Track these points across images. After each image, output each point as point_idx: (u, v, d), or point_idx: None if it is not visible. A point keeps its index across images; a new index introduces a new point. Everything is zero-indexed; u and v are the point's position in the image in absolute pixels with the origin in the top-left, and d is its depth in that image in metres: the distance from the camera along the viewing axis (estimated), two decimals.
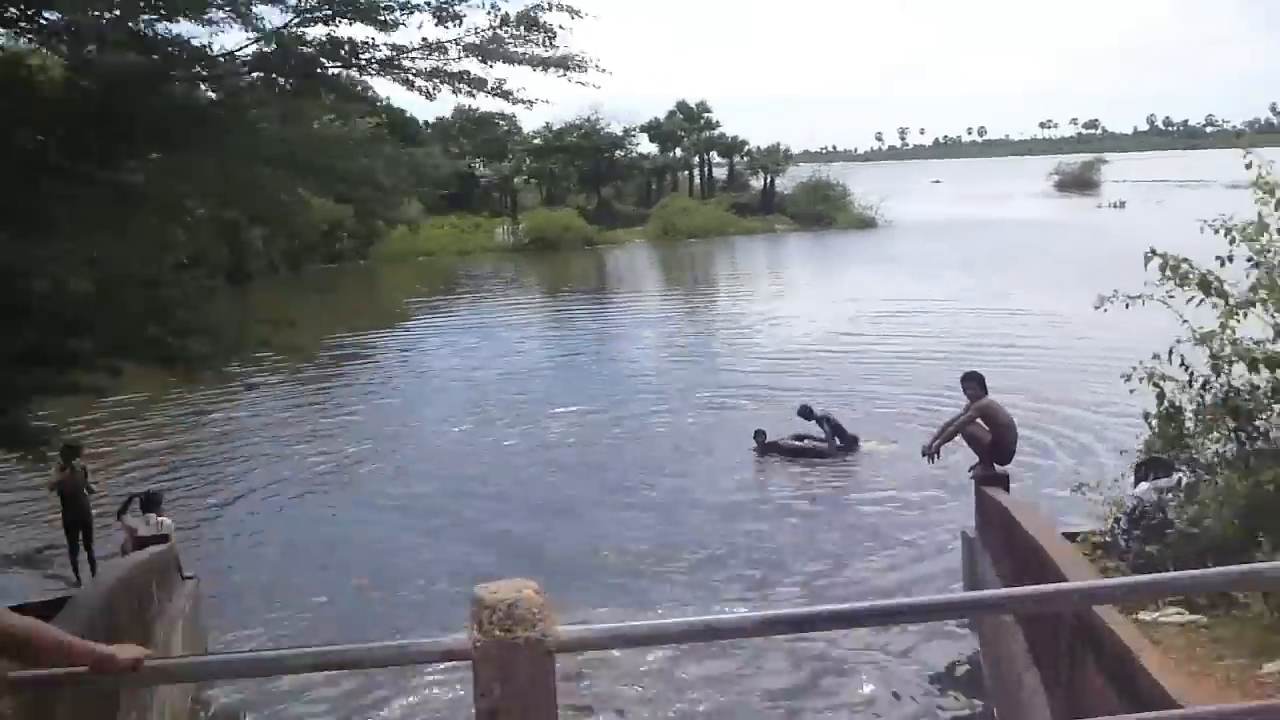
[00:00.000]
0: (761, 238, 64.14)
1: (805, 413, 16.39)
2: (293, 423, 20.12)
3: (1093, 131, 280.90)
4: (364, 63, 7.57)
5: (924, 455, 11.15)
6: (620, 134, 76.09)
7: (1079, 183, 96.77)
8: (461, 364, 26.26)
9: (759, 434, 16.26)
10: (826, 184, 70.27)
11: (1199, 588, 2.79)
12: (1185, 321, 6.81)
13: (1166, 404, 7.10)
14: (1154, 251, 6.89)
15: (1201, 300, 6.70)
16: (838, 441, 16.11)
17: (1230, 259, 6.90)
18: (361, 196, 9.12)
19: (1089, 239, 43.67)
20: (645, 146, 79.74)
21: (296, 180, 8.16)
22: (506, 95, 8.22)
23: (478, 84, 7.94)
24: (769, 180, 76.27)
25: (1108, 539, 7.22)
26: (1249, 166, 6.66)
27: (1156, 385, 7.07)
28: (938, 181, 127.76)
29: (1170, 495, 6.90)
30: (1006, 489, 10.37)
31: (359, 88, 8.55)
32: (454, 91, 7.95)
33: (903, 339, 25.68)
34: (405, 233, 60.61)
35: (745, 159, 78.80)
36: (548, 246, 58.90)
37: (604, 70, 8.39)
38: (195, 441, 18.94)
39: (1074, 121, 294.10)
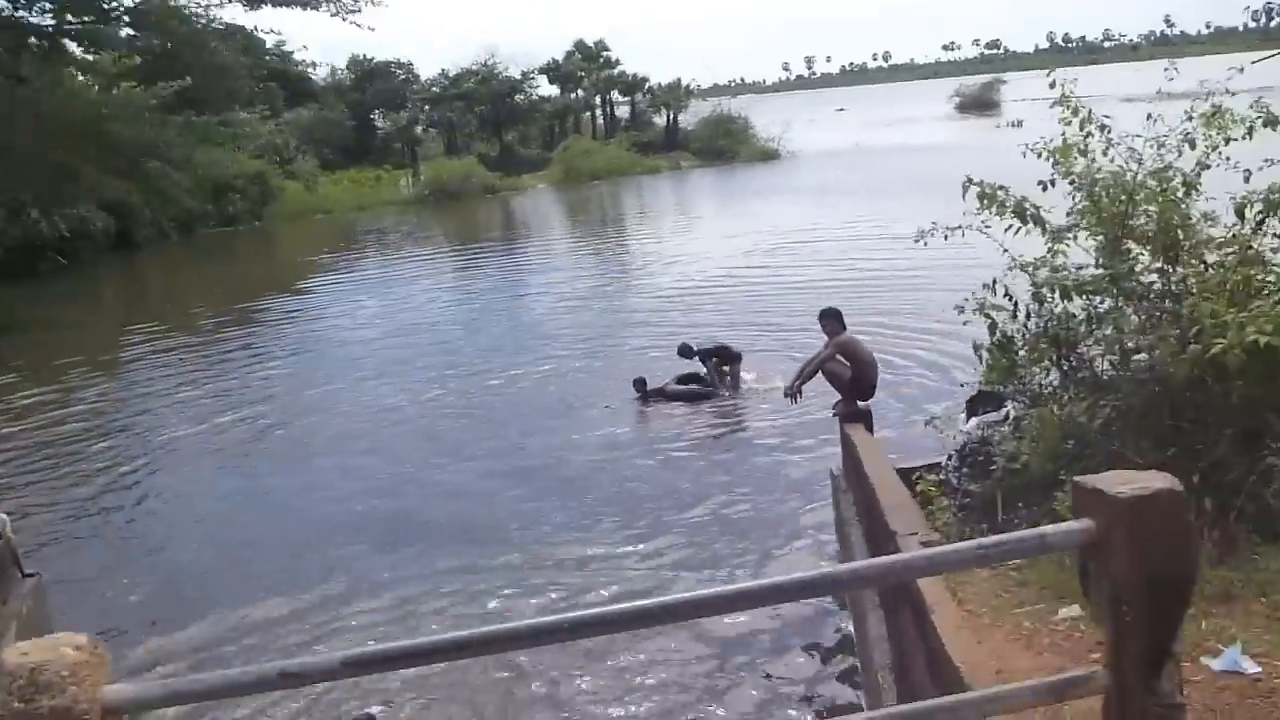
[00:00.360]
0: (666, 175, 63.70)
1: (685, 351, 16.13)
2: (164, 394, 19.39)
3: (995, 52, 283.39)
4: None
5: (786, 396, 10.97)
6: (519, 77, 74.90)
7: (979, 104, 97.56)
8: (350, 323, 25.60)
9: (639, 383, 15.96)
10: (728, 118, 69.95)
11: (971, 560, 2.55)
12: (1005, 250, 6.59)
13: (999, 335, 6.87)
14: (970, 179, 6.65)
15: (1019, 229, 6.49)
16: (724, 378, 15.90)
17: (1052, 183, 6.70)
18: (144, 170, 8.49)
19: (986, 159, 43.72)
20: (546, 89, 78.64)
21: (66, 151, 7.51)
22: (287, 56, 7.71)
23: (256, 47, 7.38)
24: (672, 117, 75.68)
25: (942, 476, 7.05)
26: (1052, 85, 6.44)
27: (987, 316, 6.84)
28: (842, 109, 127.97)
29: (995, 430, 6.73)
30: (870, 426, 10.24)
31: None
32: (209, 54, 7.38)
33: (797, 269, 25.61)
34: (301, 191, 59.29)
35: (647, 97, 78.00)
36: (449, 196, 57.80)
37: (380, 2, 7.90)
38: (61, 421, 18.12)
39: (976, 42, 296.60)
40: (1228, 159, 6.36)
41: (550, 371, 18.36)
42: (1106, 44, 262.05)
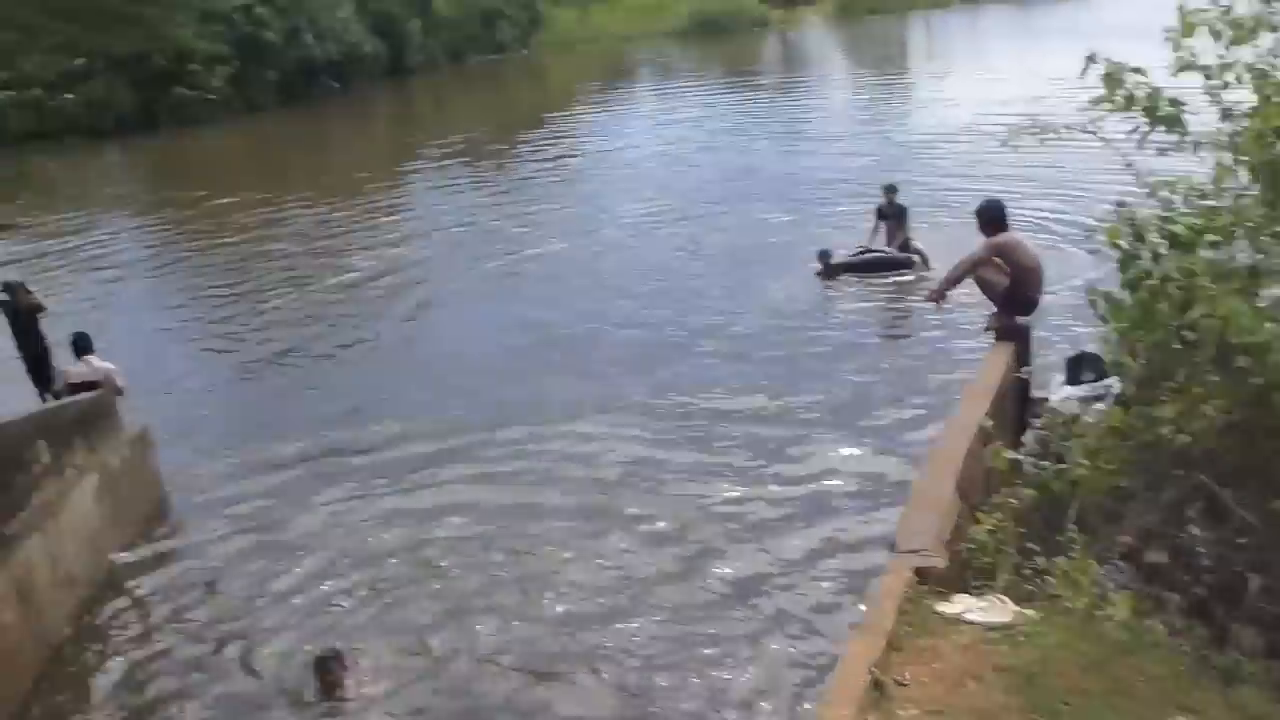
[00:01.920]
0: (956, 10, 58.49)
1: (890, 189, 14.46)
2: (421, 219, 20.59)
3: None
4: None
5: (928, 301, 9.17)
6: None
7: None
8: (588, 162, 25.51)
9: (823, 254, 14.22)
10: None
11: None
12: (1130, 163, 4.65)
13: (1132, 275, 4.85)
14: (1090, 57, 4.67)
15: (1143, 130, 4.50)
16: (915, 246, 14.11)
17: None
18: None
19: None
20: None
21: None
22: None
23: None
24: None
25: (1021, 455, 5.29)
26: None
27: (1119, 246, 4.84)
28: None
29: (1085, 409, 4.89)
30: (1026, 345, 8.39)
31: None
32: None
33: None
34: (572, 18, 58.66)
35: None
36: (718, 29, 55.65)
37: None
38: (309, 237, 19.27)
39: None
40: None
41: (762, 223, 17.37)
42: None
